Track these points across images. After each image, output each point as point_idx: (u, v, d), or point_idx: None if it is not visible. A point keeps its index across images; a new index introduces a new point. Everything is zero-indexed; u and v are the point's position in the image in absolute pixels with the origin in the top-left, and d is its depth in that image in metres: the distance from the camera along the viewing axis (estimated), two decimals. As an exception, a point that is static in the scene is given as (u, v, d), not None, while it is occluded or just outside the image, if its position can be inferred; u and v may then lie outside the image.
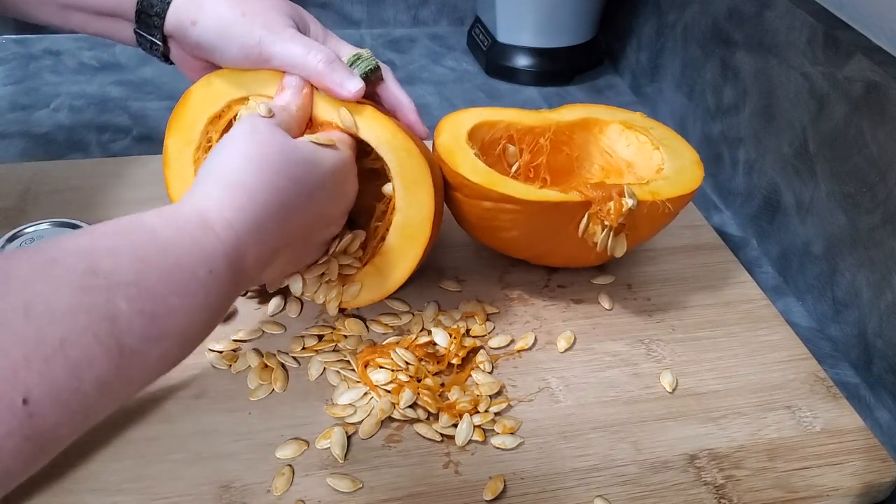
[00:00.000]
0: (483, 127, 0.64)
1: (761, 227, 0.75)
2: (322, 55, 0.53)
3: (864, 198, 0.61)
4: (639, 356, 0.59)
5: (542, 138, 0.66)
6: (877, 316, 0.60)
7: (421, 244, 0.56)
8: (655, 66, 0.95)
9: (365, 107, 0.55)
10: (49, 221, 0.67)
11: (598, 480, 0.50)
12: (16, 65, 0.97)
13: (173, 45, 0.58)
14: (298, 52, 0.53)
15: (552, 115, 0.67)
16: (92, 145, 0.84)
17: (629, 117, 0.67)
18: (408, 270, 0.57)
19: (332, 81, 0.53)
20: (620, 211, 0.56)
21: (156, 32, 0.56)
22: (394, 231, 0.57)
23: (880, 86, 0.58)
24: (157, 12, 0.55)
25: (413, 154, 0.55)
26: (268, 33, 0.54)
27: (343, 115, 0.54)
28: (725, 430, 0.54)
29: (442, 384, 0.56)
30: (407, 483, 0.49)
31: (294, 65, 0.54)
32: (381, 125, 0.55)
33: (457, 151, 0.58)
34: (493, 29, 1.00)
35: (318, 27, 0.59)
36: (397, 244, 0.57)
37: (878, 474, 0.51)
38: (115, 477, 0.48)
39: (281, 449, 0.50)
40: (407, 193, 0.56)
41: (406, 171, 0.55)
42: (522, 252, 0.63)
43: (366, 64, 0.57)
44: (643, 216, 0.58)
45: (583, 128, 0.67)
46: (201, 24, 0.54)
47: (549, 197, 0.56)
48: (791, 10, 0.68)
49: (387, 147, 0.55)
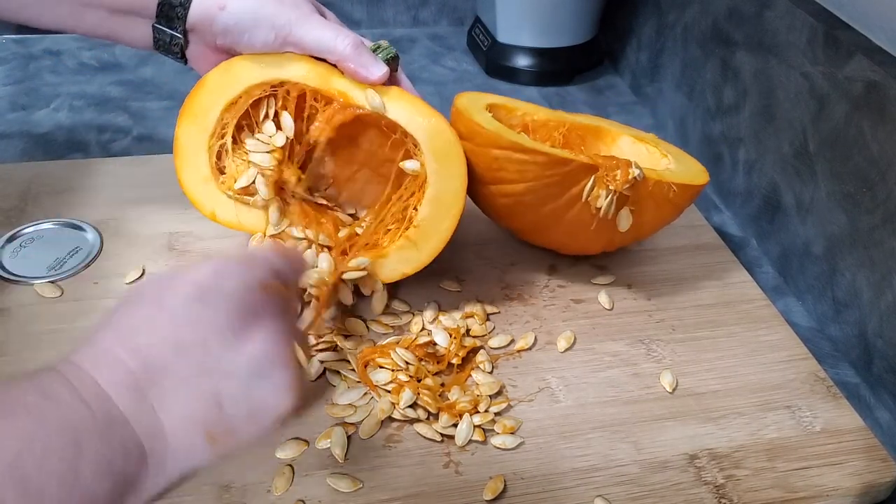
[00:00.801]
0: (501, 109, 0.66)
1: (761, 227, 0.75)
2: (350, 40, 0.55)
3: (864, 198, 0.61)
4: (639, 356, 0.59)
5: (556, 132, 0.67)
6: (877, 316, 0.60)
7: (455, 215, 0.58)
8: (655, 66, 0.95)
9: (391, 88, 0.57)
10: (49, 221, 0.67)
11: (597, 480, 0.50)
12: (16, 65, 0.97)
13: (193, 38, 0.58)
14: (328, 36, 0.55)
15: (566, 115, 0.68)
16: (92, 145, 0.84)
17: (641, 135, 0.69)
18: (442, 241, 0.58)
19: (359, 64, 0.56)
20: (626, 178, 0.57)
21: (178, 25, 0.56)
22: (427, 203, 0.58)
23: (880, 86, 0.58)
24: (181, 2, 0.55)
25: (443, 128, 0.57)
26: (297, 15, 0.55)
27: (371, 96, 0.56)
28: (725, 430, 0.54)
29: (442, 384, 0.56)
30: (407, 483, 0.49)
31: (323, 48, 0.55)
32: (408, 104, 0.57)
33: (474, 110, 0.61)
34: (493, 29, 1.00)
35: (335, 18, 0.61)
36: (431, 216, 0.58)
37: (878, 474, 0.51)
38: (115, 477, 0.48)
39: (281, 449, 0.50)
40: (439, 167, 0.57)
41: (437, 145, 0.57)
42: (523, 219, 0.62)
43: (386, 52, 0.58)
44: (648, 194, 0.58)
45: (595, 135, 0.69)
46: (230, 8, 0.55)
47: (557, 152, 0.57)
48: (791, 10, 0.68)
49: (416, 125, 0.57)
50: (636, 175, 0.57)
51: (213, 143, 0.58)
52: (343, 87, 0.57)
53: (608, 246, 0.63)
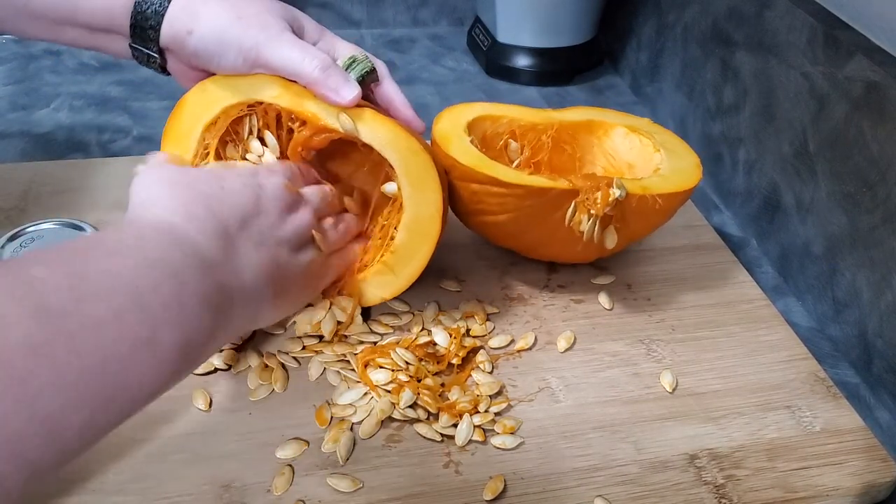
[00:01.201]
0: (485, 121, 0.65)
1: (761, 227, 0.75)
2: (318, 61, 0.53)
3: (864, 198, 0.61)
4: (639, 356, 0.59)
5: (545, 135, 0.66)
6: (877, 316, 0.60)
7: (431, 240, 0.57)
8: (655, 66, 0.95)
9: (364, 110, 0.55)
10: (49, 221, 0.67)
11: (598, 480, 0.50)
12: (16, 65, 0.97)
13: (170, 56, 0.57)
14: (295, 57, 0.53)
15: (556, 114, 0.68)
16: (92, 145, 0.84)
17: (636, 122, 0.68)
18: (419, 267, 0.58)
19: (328, 88, 0.54)
20: (607, 200, 0.56)
21: (152, 45, 0.56)
22: (403, 229, 0.57)
23: (880, 86, 0.58)
24: (151, 25, 0.54)
25: (417, 152, 0.55)
26: (265, 37, 0.53)
27: (343, 120, 0.55)
28: (725, 429, 0.54)
29: (442, 384, 0.56)
30: (407, 483, 0.49)
31: (290, 70, 0.54)
32: (382, 127, 0.55)
33: (452, 137, 0.60)
34: (493, 29, 1.00)
35: (313, 27, 0.59)
36: (408, 241, 0.57)
37: (878, 474, 0.51)
38: (115, 477, 0.48)
39: (281, 449, 0.50)
40: (414, 191, 0.56)
41: (412, 169, 0.55)
42: (513, 241, 0.63)
43: (361, 67, 0.56)
44: (632, 210, 0.58)
45: (587, 130, 0.68)
46: (198, 33, 0.54)
47: (534, 182, 0.56)
48: (791, 10, 0.68)
49: (390, 148, 0.55)
50: (618, 196, 0.55)
51: (197, 164, 0.58)
52: (315, 109, 0.55)
53: (603, 254, 0.63)
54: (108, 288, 0.37)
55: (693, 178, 0.61)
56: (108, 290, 0.37)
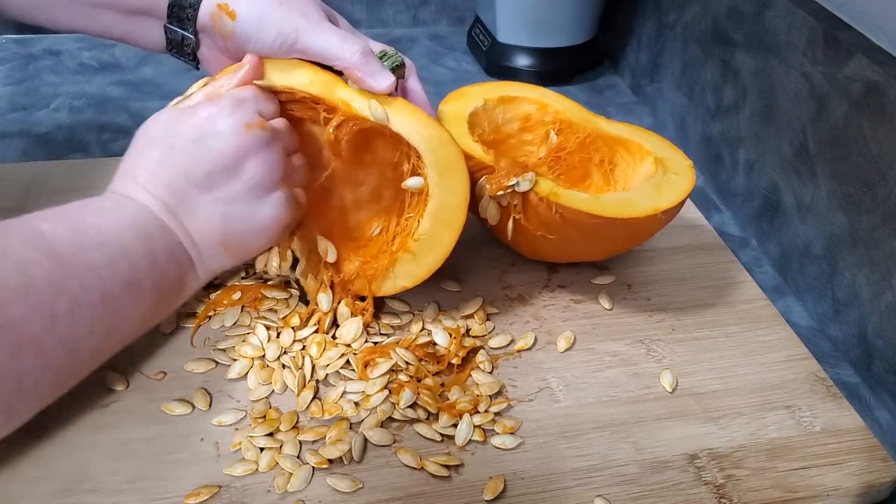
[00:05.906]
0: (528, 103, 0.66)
1: (761, 227, 0.75)
2: (358, 47, 0.54)
3: (864, 198, 0.61)
4: (639, 356, 0.59)
5: (576, 136, 0.66)
6: (877, 316, 0.60)
7: (456, 228, 0.57)
8: (655, 66, 0.95)
9: (395, 99, 0.56)
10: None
11: (597, 480, 0.50)
12: (16, 65, 0.97)
13: (204, 39, 0.57)
14: (335, 44, 0.54)
15: (600, 120, 0.66)
16: (92, 145, 0.84)
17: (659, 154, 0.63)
18: (443, 255, 0.58)
19: (365, 73, 0.54)
20: (501, 185, 0.57)
21: (188, 26, 0.56)
22: (428, 217, 0.57)
23: (880, 86, 0.58)
24: (191, 3, 0.55)
25: (446, 142, 0.56)
26: (305, 22, 0.54)
27: (374, 107, 0.55)
28: (725, 429, 0.54)
29: (442, 384, 0.56)
30: (407, 483, 0.49)
31: (330, 55, 0.55)
32: (412, 116, 0.56)
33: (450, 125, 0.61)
34: (493, 29, 1.00)
35: (346, 24, 0.60)
36: (432, 230, 0.57)
37: (878, 474, 0.51)
38: (115, 477, 0.48)
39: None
40: (442, 180, 0.56)
41: (440, 159, 0.56)
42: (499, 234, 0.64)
43: (392, 61, 0.58)
44: (532, 208, 0.58)
45: (626, 148, 0.66)
46: (238, 12, 0.54)
47: (469, 147, 0.59)
48: (791, 10, 0.68)
49: (419, 137, 0.56)
50: (511, 185, 0.56)
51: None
52: (346, 96, 0.56)
53: (598, 257, 0.62)
54: (100, 240, 0.47)
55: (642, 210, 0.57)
56: (101, 242, 0.47)
